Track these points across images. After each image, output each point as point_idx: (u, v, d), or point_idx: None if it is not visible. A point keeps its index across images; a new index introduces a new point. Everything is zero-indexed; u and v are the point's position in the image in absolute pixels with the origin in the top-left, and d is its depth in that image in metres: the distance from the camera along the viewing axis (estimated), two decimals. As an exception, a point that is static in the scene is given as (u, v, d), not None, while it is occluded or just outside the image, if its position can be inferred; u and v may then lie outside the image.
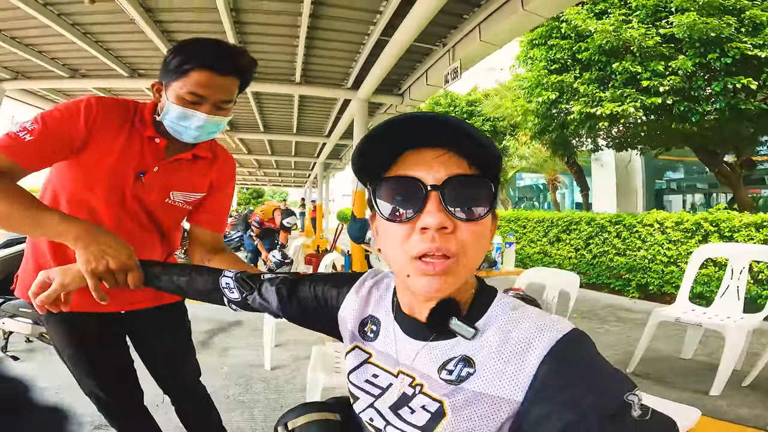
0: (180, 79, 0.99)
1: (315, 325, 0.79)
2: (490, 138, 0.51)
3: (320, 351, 2.06)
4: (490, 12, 4.02)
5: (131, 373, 1.26)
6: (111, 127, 1.04)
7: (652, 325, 2.76)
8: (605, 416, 0.42)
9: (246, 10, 4.24)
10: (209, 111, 1.02)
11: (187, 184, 1.17)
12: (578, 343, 0.50)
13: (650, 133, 6.62)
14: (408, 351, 0.60)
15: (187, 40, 1.04)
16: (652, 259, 5.23)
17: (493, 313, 0.56)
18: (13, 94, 6.79)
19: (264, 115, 8.76)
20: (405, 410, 0.57)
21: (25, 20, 4.24)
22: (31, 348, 3.00)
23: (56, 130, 0.96)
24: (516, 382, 0.50)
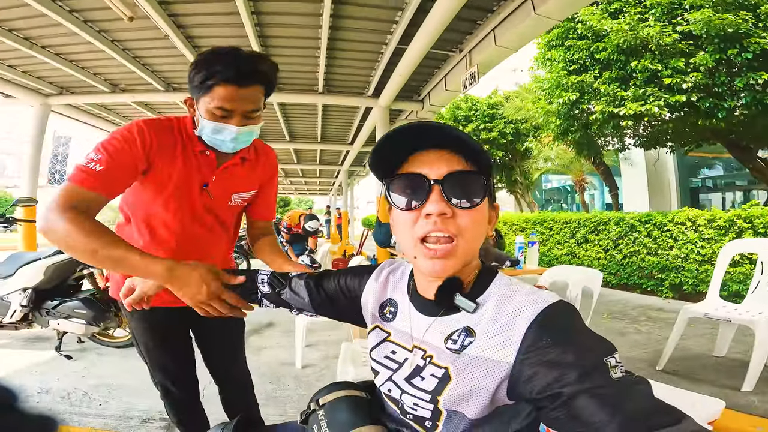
0: (206, 95, 1.01)
1: (341, 314, 0.88)
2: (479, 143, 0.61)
3: (349, 347, 2.14)
4: (504, 17, 4.09)
5: (194, 368, 1.36)
6: (166, 148, 1.08)
7: (681, 322, 2.67)
8: (583, 374, 0.48)
9: (270, 25, 4.48)
10: (239, 123, 1.05)
11: (243, 185, 1.25)
12: (563, 311, 0.57)
13: (677, 131, 6.41)
14: (420, 326, 0.68)
15: (206, 52, 1.03)
16: (685, 258, 5.02)
17: (492, 289, 0.64)
18: (58, 109, 7.16)
19: (289, 124, 9.04)
20: (417, 379, 0.65)
21: (70, 36, 4.57)
22: (82, 348, 3.18)
23: (120, 158, 0.99)
24: (507, 345, 0.57)
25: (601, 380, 0.48)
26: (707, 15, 4.91)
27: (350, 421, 0.71)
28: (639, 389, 0.47)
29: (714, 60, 5.12)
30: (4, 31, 4.43)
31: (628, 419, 0.44)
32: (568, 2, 3.50)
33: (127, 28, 4.39)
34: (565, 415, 0.48)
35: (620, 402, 0.46)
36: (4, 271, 2.93)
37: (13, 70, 5.66)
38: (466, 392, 0.59)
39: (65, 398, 2.30)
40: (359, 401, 0.77)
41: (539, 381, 0.52)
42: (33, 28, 4.44)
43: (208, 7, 4.11)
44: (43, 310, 2.87)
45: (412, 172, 0.63)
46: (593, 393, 0.47)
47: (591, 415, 0.46)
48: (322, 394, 0.79)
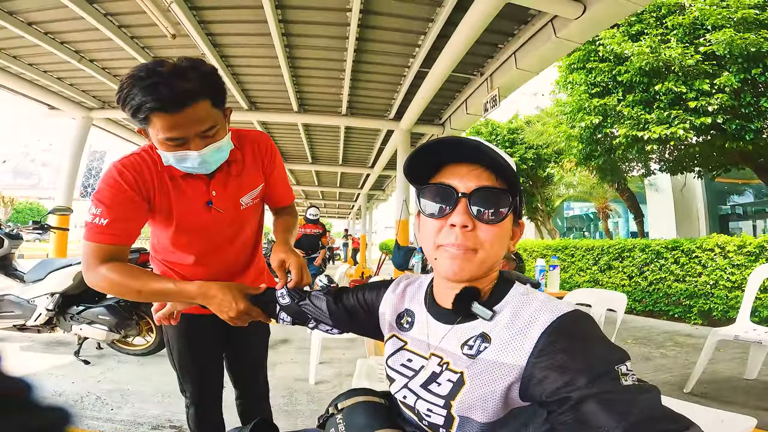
0: (148, 127, 0.92)
1: (359, 327, 0.91)
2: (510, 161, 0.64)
3: (365, 363, 2.13)
4: (525, 40, 4.16)
5: (222, 376, 1.39)
6: (150, 182, 1.04)
7: (710, 344, 2.60)
8: (593, 379, 0.49)
9: (299, 46, 4.69)
10: (198, 146, 0.95)
11: (246, 185, 1.18)
12: (578, 319, 0.58)
13: (704, 154, 6.26)
14: (438, 334, 0.70)
15: (126, 77, 0.89)
16: (714, 284, 4.86)
17: (509, 298, 0.66)
18: (99, 123, 7.48)
19: (312, 146, 9.29)
20: (433, 385, 0.66)
21: (116, 51, 4.87)
22: (100, 354, 3.23)
23: (117, 205, 0.98)
24: (521, 350, 0.58)
25: (610, 386, 0.48)
26: (729, 35, 4.89)
27: (368, 425, 0.72)
28: (648, 396, 0.47)
29: (738, 80, 5.05)
30: (57, 43, 4.73)
31: (634, 425, 0.44)
32: (589, 25, 3.53)
33: (168, 46, 4.66)
34: (572, 419, 0.49)
35: (628, 408, 0.46)
36: (34, 275, 3.05)
37: (60, 83, 6.00)
38: (478, 396, 0.60)
39: (78, 402, 2.32)
40: (378, 406, 0.78)
41: (549, 384, 0.53)
42: (83, 41, 4.75)
43: (242, 28, 4.35)
44: (67, 315, 2.95)
45: (443, 182, 0.66)
46: (601, 398, 0.47)
47: (598, 420, 0.46)
48: (341, 399, 0.80)
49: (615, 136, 6.36)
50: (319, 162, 10.67)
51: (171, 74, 0.87)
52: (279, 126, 7.94)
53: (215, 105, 0.95)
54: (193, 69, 0.90)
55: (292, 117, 6.86)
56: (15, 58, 5.23)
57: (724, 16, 5.15)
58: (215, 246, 1.20)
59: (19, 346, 3.36)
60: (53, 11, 4.05)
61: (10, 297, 2.99)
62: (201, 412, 1.35)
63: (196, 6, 3.94)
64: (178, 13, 3.79)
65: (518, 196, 0.66)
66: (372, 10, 3.93)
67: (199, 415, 1.35)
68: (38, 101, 6.54)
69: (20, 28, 4.27)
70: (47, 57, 5.11)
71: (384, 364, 0.78)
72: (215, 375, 1.37)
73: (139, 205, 1.02)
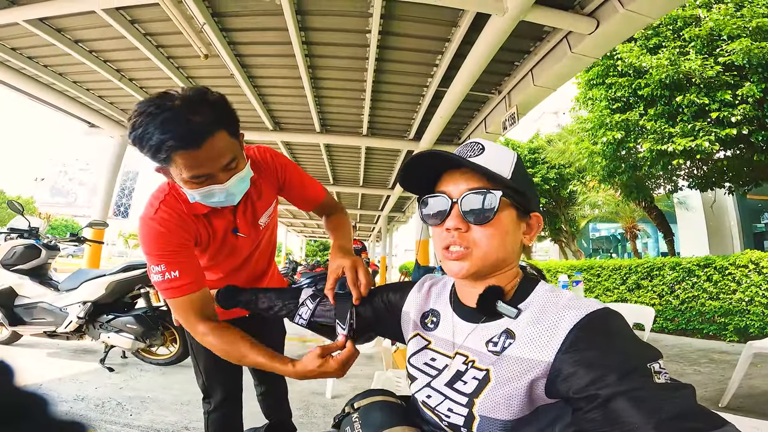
0: (170, 167, 0.88)
1: (382, 327, 0.92)
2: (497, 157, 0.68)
3: (382, 375, 2.13)
4: (541, 57, 4.20)
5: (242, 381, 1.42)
6: (190, 225, 1.05)
7: (746, 357, 2.51)
8: (624, 375, 0.48)
9: (321, 67, 4.87)
10: (224, 179, 0.93)
11: (262, 207, 1.22)
12: (608, 316, 0.57)
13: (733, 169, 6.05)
14: (463, 332, 0.71)
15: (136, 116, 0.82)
16: (750, 301, 4.68)
17: (535, 296, 0.67)
18: None
19: (334, 167, 9.44)
20: (459, 383, 0.66)
21: (154, 71, 5.14)
22: (125, 362, 3.33)
23: (175, 253, 0.98)
24: (548, 346, 0.58)
25: (642, 383, 0.47)
26: (746, 44, 4.84)
27: (385, 422, 0.72)
28: (681, 393, 0.47)
29: (761, 90, 4.95)
30: (100, 61, 5.04)
31: (666, 422, 0.44)
32: (603, 40, 3.54)
33: (200, 66, 4.91)
34: (600, 416, 0.48)
35: (659, 405, 0.45)
36: (68, 284, 3.19)
37: (101, 101, 6.33)
38: (503, 393, 0.60)
39: (99, 406, 2.38)
40: (394, 406, 0.77)
41: (578, 381, 0.52)
42: (124, 60, 5.03)
43: (268, 49, 4.55)
44: (97, 323, 3.06)
45: (439, 190, 0.71)
46: (631, 395, 0.47)
47: (627, 417, 0.46)
48: (358, 398, 0.81)
49: (639, 152, 6.24)
50: (340, 183, 10.81)
51: (182, 108, 0.82)
52: (301, 146, 8.15)
53: (231, 134, 0.92)
54: (205, 101, 0.86)
55: (314, 137, 7.04)
56: (61, 75, 5.55)
57: (739, 26, 5.10)
58: (238, 263, 1.27)
59: (47, 352, 3.49)
60: (98, 30, 4.32)
61: (43, 304, 3.13)
62: (224, 417, 1.37)
63: (226, 27, 4.17)
64: (210, 34, 4.02)
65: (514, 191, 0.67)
66: (391, 31, 4.07)
67: (222, 420, 1.37)
68: (80, 118, 6.88)
69: (67, 45, 4.54)
70: (91, 75, 5.41)
71: (406, 364, 0.78)
72: (238, 379, 1.40)
73: (191, 247, 1.04)
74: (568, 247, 14.28)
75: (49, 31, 4.34)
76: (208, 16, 3.85)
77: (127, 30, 4.16)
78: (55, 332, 3.10)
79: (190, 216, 1.04)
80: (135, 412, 2.33)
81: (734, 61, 5.12)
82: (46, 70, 5.37)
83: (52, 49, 4.75)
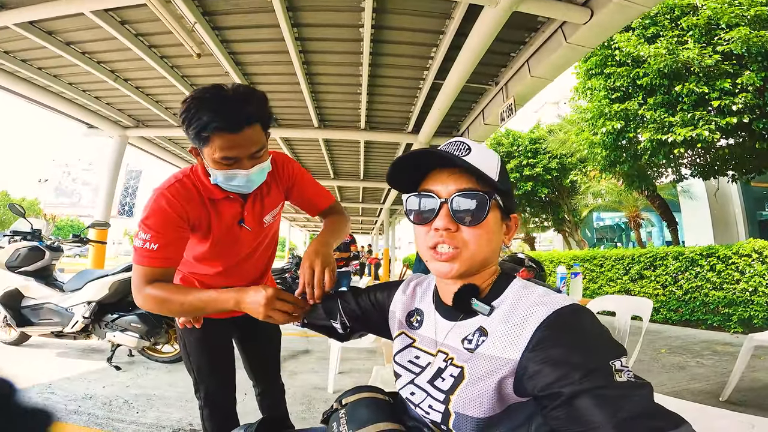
0: (206, 146, 0.99)
1: (372, 325, 0.93)
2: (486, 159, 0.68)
3: (380, 370, 2.15)
4: (536, 48, 4.18)
5: (235, 378, 1.44)
6: (196, 210, 1.11)
7: (747, 350, 2.51)
8: (586, 374, 0.49)
9: (316, 63, 4.85)
10: (248, 165, 1.03)
11: (270, 205, 1.28)
12: (574, 313, 0.58)
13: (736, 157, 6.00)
14: (443, 330, 0.73)
15: (190, 100, 0.96)
16: (753, 291, 4.64)
17: (508, 293, 0.68)
18: (134, 141, 7.78)
19: (334, 161, 9.45)
20: (438, 380, 0.68)
21: (148, 71, 5.13)
22: (131, 361, 3.38)
23: (166, 231, 1.04)
24: (516, 344, 0.59)
25: (603, 381, 0.49)
26: (744, 33, 4.80)
27: (370, 419, 0.73)
28: (641, 393, 0.48)
29: (761, 78, 4.91)
30: (94, 63, 5.02)
31: (626, 421, 0.45)
32: (598, 30, 3.52)
33: (195, 65, 4.90)
34: (564, 414, 0.49)
35: (620, 404, 0.46)
36: (73, 285, 3.24)
37: (98, 102, 6.34)
38: (475, 391, 0.61)
39: (106, 404, 2.43)
40: (381, 402, 0.79)
41: (542, 379, 0.53)
42: (118, 61, 5.02)
43: (261, 46, 4.54)
44: (102, 323, 3.11)
45: (426, 189, 0.70)
46: (593, 393, 0.48)
47: (589, 416, 0.47)
48: (346, 395, 0.82)
49: (639, 141, 6.20)
50: (341, 177, 10.81)
51: (235, 98, 0.97)
52: (301, 142, 8.16)
53: (264, 129, 1.05)
54: (252, 95, 1.00)
55: (313, 133, 7.04)
56: (56, 77, 5.55)
57: (737, 14, 5.06)
58: (239, 259, 1.29)
59: (56, 352, 3.54)
60: (89, 32, 4.30)
61: (49, 305, 3.18)
62: (217, 413, 1.39)
63: (218, 26, 4.16)
64: (202, 33, 4.01)
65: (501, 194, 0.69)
66: (384, 25, 4.05)
67: (214, 416, 1.39)
68: (78, 120, 6.88)
69: (59, 47, 4.53)
70: (85, 76, 5.40)
71: (392, 361, 0.81)
72: (230, 378, 1.42)
73: (185, 231, 1.10)
74: (571, 236, 14.25)
75: (40, 34, 4.33)
76: (198, 15, 3.83)
77: (118, 31, 4.15)
78: (62, 332, 3.15)
79: (202, 199, 1.12)
80: (141, 409, 2.37)
81: (733, 50, 5.08)
82: (41, 73, 5.37)
83: (44, 52, 4.75)
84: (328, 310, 0.94)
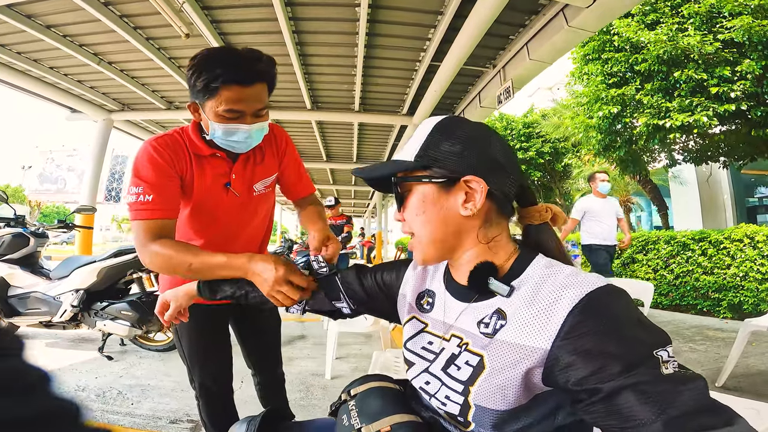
0: (212, 98, 1.00)
1: (375, 307, 0.88)
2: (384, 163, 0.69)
3: (380, 355, 2.13)
4: (536, 31, 4.09)
5: (231, 365, 1.39)
6: (181, 161, 1.10)
7: (743, 335, 2.51)
8: (628, 367, 0.45)
9: (309, 43, 4.72)
10: (250, 122, 1.05)
11: (261, 172, 1.25)
12: (610, 295, 0.52)
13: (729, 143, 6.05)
14: (454, 312, 0.67)
15: (203, 55, 1.01)
16: (744, 276, 4.70)
17: (530, 272, 0.61)
18: (119, 125, 7.61)
19: (327, 144, 9.34)
20: (453, 368, 0.62)
21: (133, 53, 4.94)
22: (123, 350, 3.33)
23: (159, 180, 1.03)
24: (544, 331, 0.53)
25: (649, 375, 0.44)
26: (747, 22, 4.79)
27: (382, 410, 0.68)
28: (691, 386, 0.44)
29: (761, 67, 4.92)
30: (75, 46, 4.81)
31: (675, 418, 0.41)
32: (601, 13, 3.44)
33: (183, 46, 4.71)
34: (604, 410, 0.46)
35: (668, 400, 0.43)
36: (60, 272, 3.14)
37: (81, 86, 6.12)
38: (498, 383, 0.56)
39: (100, 396, 2.38)
40: (392, 392, 0.74)
41: (577, 372, 0.48)
42: (101, 44, 4.82)
43: (253, 26, 4.38)
44: (91, 311, 3.02)
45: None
46: (638, 389, 0.44)
47: (634, 412, 0.43)
48: (355, 385, 0.78)
49: (635, 126, 6.21)
50: (334, 160, 10.72)
51: (248, 56, 1.01)
52: (293, 124, 8.00)
53: (269, 90, 1.08)
54: (262, 55, 1.03)
55: (305, 114, 6.90)
56: (36, 61, 5.33)
57: (740, 3, 5.04)
58: (226, 232, 1.23)
59: (45, 342, 3.48)
60: (70, 14, 4.12)
61: (36, 294, 3.09)
62: (213, 402, 1.36)
63: (207, 6, 3.99)
64: (190, 13, 3.85)
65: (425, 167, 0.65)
66: (380, 4, 3.91)
67: (210, 405, 1.36)
68: (60, 104, 6.67)
69: (39, 31, 4.34)
70: (67, 60, 5.21)
71: (402, 349, 0.75)
72: (226, 365, 1.38)
73: (175, 179, 1.07)
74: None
75: (18, 18, 4.12)
76: (187, -7, 3.66)
77: (101, 12, 3.96)
78: (51, 322, 3.07)
79: (188, 154, 1.11)
80: (136, 400, 2.33)
81: (734, 38, 5.07)
82: (21, 57, 5.14)
83: (23, 36, 4.53)
84: (330, 294, 0.89)
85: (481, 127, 0.66)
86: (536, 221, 0.69)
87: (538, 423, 0.57)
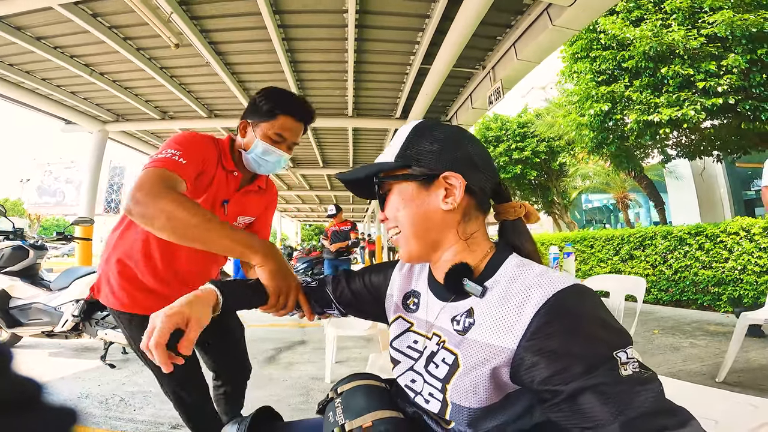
0: (269, 122, 1.20)
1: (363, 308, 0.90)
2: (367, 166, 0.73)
3: (377, 357, 2.15)
4: (522, 31, 4.14)
5: (201, 370, 1.36)
6: (212, 160, 1.19)
7: (741, 329, 2.48)
8: (589, 368, 0.46)
9: (300, 50, 4.75)
10: (286, 150, 1.25)
11: (250, 210, 1.39)
12: (575, 295, 0.53)
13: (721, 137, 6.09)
14: (434, 310, 0.70)
15: (271, 89, 1.23)
16: (742, 269, 4.68)
17: (503, 271, 0.63)
18: (114, 136, 7.55)
19: (323, 150, 9.36)
20: (431, 366, 0.65)
21: (125, 64, 4.95)
22: (125, 358, 3.36)
23: (193, 156, 1.07)
24: (512, 331, 0.54)
25: (608, 376, 0.46)
26: (728, 16, 4.84)
27: (367, 407, 0.70)
28: (647, 388, 0.46)
29: (746, 61, 4.97)
30: (67, 57, 4.82)
31: (632, 419, 0.43)
32: (584, 11, 3.48)
33: (174, 56, 4.74)
34: (568, 409, 0.48)
35: (625, 401, 0.45)
36: (60, 283, 3.19)
37: (74, 97, 6.11)
38: (470, 381, 0.58)
39: (103, 403, 2.41)
40: (377, 389, 0.76)
41: (541, 372, 0.50)
42: (92, 55, 4.82)
43: (243, 35, 4.41)
44: (92, 320, 3.07)
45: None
46: (597, 390, 0.46)
47: (594, 413, 0.45)
48: (342, 383, 0.80)
49: (626, 123, 6.26)
50: (330, 166, 10.73)
51: (306, 102, 1.26)
52: (288, 132, 8.03)
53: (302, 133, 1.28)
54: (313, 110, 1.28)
55: (299, 121, 6.91)
56: (28, 73, 5.33)
57: None
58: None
59: (49, 352, 3.51)
60: (59, 26, 4.14)
61: (38, 305, 3.13)
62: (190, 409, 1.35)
63: (196, 15, 4.02)
64: (179, 23, 3.88)
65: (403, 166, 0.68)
66: (368, 9, 3.97)
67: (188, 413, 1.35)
68: (55, 116, 6.65)
69: (29, 42, 4.35)
70: (59, 71, 5.21)
71: (388, 348, 0.77)
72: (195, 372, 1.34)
73: (199, 168, 1.12)
74: (561, 218, 14.41)
75: (8, 30, 4.15)
76: (174, 4, 3.69)
77: (90, 24, 3.99)
78: (53, 332, 3.11)
79: (219, 159, 1.24)
80: (138, 407, 2.36)
81: (717, 33, 5.11)
82: (12, 69, 5.16)
83: (14, 48, 4.56)
84: (321, 302, 0.92)
85: (457, 129, 0.71)
86: (511, 216, 0.71)
87: (514, 421, 0.60)
